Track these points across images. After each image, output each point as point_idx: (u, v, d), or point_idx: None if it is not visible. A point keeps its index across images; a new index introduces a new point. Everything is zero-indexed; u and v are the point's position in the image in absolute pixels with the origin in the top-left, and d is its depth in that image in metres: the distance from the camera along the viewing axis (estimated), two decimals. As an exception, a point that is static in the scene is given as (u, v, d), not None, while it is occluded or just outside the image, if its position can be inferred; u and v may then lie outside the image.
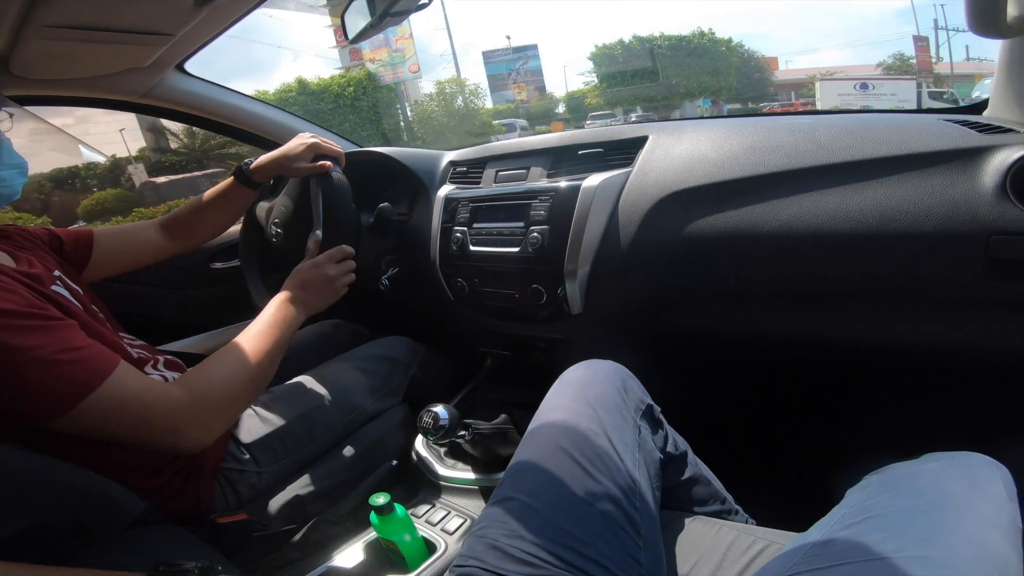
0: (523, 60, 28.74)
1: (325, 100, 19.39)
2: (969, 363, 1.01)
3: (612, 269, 1.08)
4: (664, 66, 21.48)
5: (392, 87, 22.25)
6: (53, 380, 0.71)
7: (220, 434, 0.88)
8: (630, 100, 22.33)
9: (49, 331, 0.74)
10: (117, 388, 0.76)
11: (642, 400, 0.84)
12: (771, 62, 25.19)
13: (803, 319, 1.01)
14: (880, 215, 0.84)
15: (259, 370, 0.94)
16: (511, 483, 0.71)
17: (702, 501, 0.86)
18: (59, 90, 1.42)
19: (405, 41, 22.75)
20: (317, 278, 1.11)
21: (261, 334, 0.99)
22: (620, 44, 22.30)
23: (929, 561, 0.51)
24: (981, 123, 0.89)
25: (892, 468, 0.69)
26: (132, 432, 0.78)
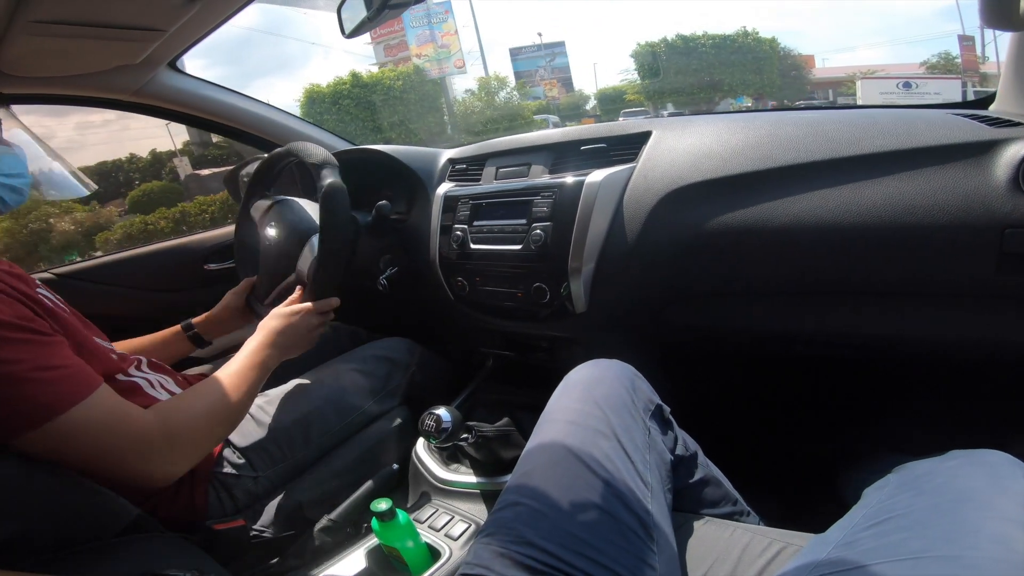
0: (550, 57, 28.94)
1: (377, 93, 20.11)
2: (980, 358, 1.01)
3: (617, 266, 1.06)
4: (708, 64, 21.85)
5: (438, 81, 23.03)
6: (20, 399, 0.69)
7: (191, 465, 0.86)
8: (671, 97, 22.61)
9: (29, 346, 0.72)
10: (88, 413, 0.74)
11: (651, 400, 0.82)
12: (807, 60, 24.98)
13: (812, 315, 0.99)
14: (892, 209, 0.83)
15: (233, 410, 0.94)
16: (518, 487, 0.69)
17: (714, 503, 0.84)
18: (49, 88, 1.40)
19: (450, 37, 23.79)
20: (298, 326, 1.10)
21: (239, 375, 0.98)
22: (663, 42, 22.57)
23: (954, 561, 0.50)
24: (990, 117, 0.88)
25: (911, 466, 0.68)
26: (97, 459, 0.75)
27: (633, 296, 1.10)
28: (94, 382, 0.77)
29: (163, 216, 11.47)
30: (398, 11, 1.02)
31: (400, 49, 25.08)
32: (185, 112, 1.65)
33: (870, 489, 0.68)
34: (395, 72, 21.08)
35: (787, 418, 1.37)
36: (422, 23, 24.25)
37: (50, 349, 0.75)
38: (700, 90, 22.21)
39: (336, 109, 19.90)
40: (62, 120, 5.00)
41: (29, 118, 1.14)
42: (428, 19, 24.28)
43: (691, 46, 22.11)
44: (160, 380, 1.04)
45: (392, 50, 25.16)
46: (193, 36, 1.30)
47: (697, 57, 21.94)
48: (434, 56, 23.34)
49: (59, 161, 1.06)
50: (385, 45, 25.39)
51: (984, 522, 0.53)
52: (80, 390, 0.74)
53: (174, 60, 1.48)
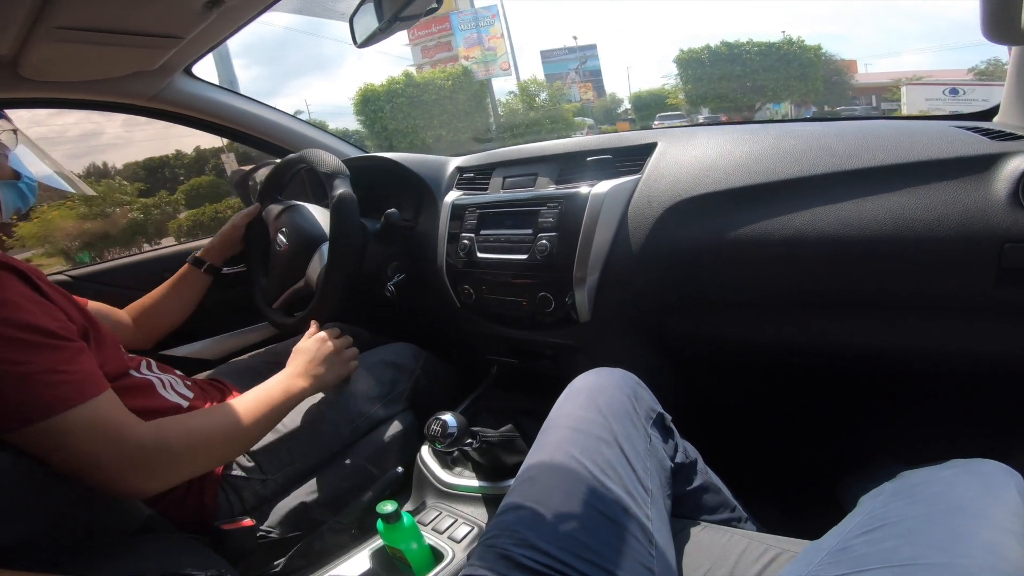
0: (582, 60, 29.20)
1: (429, 92, 20.85)
2: (978, 370, 1.01)
3: (621, 277, 1.08)
4: (752, 70, 21.90)
5: (484, 83, 23.65)
6: (24, 395, 0.71)
7: (171, 486, 0.85)
8: (713, 102, 22.78)
9: (49, 351, 0.75)
10: (86, 415, 0.75)
11: (652, 408, 0.84)
12: (850, 65, 24.67)
13: (813, 326, 1.00)
14: (893, 223, 0.83)
15: (240, 436, 0.94)
16: (521, 491, 0.71)
17: (712, 509, 0.85)
18: (67, 93, 1.42)
19: (497, 40, 24.52)
20: (325, 352, 1.13)
21: (258, 400, 0.99)
22: (707, 48, 22.66)
23: (945, 568, 0.51)
24: (992, 130, 0.88)
25: (906, 476, 0.69)
26: (82, 462, 0.76)
27: (636, 306, 1.11)
28: (99, 388, 0.78)
29: (228, 205, 12.22)
30: (408, 24, 1.03)
31: (438, 50, 25.74)
32: (199, 117, 1.67)
33: (865, 497, 0.69)
34: (445, 73, 21.85)
35: (788, 425, 1.38)
36: (470, 26, 24.88)
37: (66, 354, 0.77)
38: (743, 95, 22.33)
39: (390, 107, 20.47)
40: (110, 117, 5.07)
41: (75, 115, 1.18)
42: (476, 22, 24.90)
43: (735, 53, 22.20)
44: (170, 381, 1.06)
45: (430, 51, 25.82)
46: (209, 43, 1.32)
47: (741, 63, 22.01)
48: (481, 58, 24.02)
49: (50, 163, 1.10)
50: (423, 47, 26.08)
51: (976, 530, 0.54)
52: (83, 393, 0.75)
53: (189, 66, 1.50)
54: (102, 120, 20.39)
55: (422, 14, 1.01)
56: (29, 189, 0.97)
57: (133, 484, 0.79)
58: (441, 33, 25.84)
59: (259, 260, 1.49)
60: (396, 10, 0.99)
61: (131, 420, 0.81)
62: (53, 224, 12.29)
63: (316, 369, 1.10)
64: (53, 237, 12.32)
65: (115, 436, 0.77)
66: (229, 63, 9.73)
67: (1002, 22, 0.64)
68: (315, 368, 1.10)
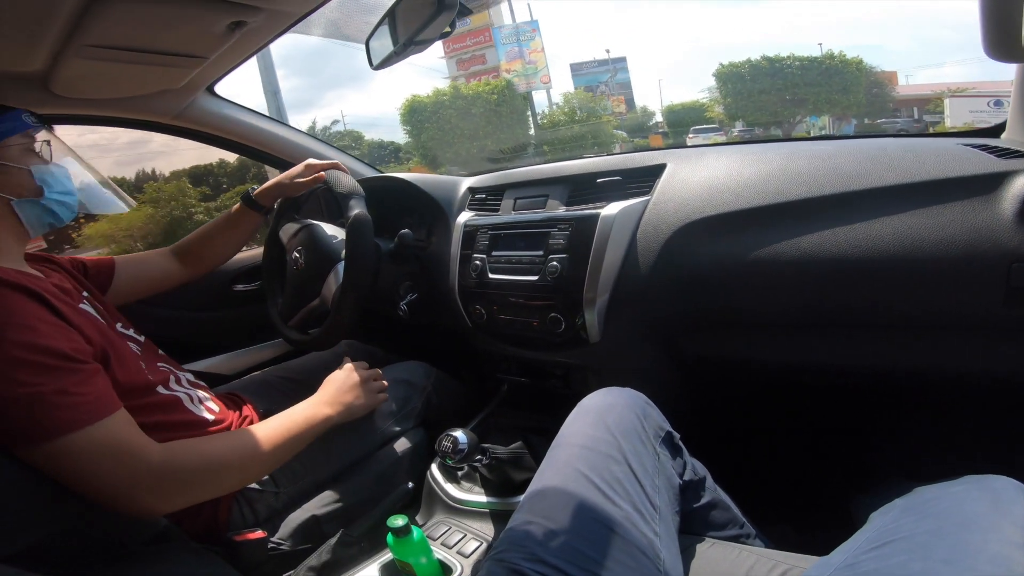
0: (612, 73, 29.45)
1: (477, 105, 21.81)
2: (989, 388, 1.00)
3: (631, 298, 1.08)
4: (793, 84, 22.12)
5: (526, 96, 24.54)
6: (35, 415, 0.73)
7: (181, 508, 0.85)
8: (754, 115, 22.98)
9: (62, 373, 0.76)
10: (96, 436, 0.76)
11: (661, 427, 0.85)
12: (890, 77, 24.39)
13: (822, 347, 1.00)
14: (902, 243, 0.84)
15: (257, 459, 0.95)
16: (530, 507, 0.71)
17: (720, 526, 0.86)
18: (96, 110, 1.45)
19: (538, 55, 25.59)
20: (354, 381, 1.16)
21: (280, 426, 1.00)
22: (748, 63, 22.97)
23: None
24: (1000, 147, 0.88)
25: (916, 492, 0.69)
26: (92, 481, 0.77)
27: (646, 327, 1.11)
28: (110, 408, 0.79)
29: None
30: (422, 47, 1.06)
31: (472, 63, 26.78)
32: (221, 136, 1.70)
33: (876, 513, 0.69)
34: (490, 86, 22.75)
35: (799, 442, 1.37)
36: (511, 40, 25.78)
37: (80, 376, 0.78)
38: (784, 108, 22.46)
39: (436, 119, 21.30)
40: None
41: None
42: (517, 37, 25.77)
43: (777, 67, 22.40)
44: (199, 396, 1.08)
45: (464, 64, 26.91)
46: (231, 63, 1.36)
47: (783, 77, 22.19)
48: (522, 72, 24.93)
49: (97, 176, 1.12)
50: (457, 59, 27.18)
51: (984, 544, 0.54)
52: (94, 414, 0.77)
53: (212, 85, 1.54)
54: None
55: (436, 38, 1.03)
56: (61, 205, 0.97)
57: (142, 505, 0.80)
58: (476, 46, 26.72)
59: (275, 278, 1.51)
60: (411, 35, 1.02)
61: (143, 441, 0.82)
62: (120, 223, 12.70)
63: (344, 397, 1.13)
64: (119, 237, 12.71)
65: (126, 457, 0.78)
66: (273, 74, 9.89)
67: (1003, 40, 0.63)
68: (343, 396, 1.13)
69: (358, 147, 30.29)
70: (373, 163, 1.92)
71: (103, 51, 1.08)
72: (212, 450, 0.89)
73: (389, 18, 1.07)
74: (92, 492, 0.77)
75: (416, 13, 0.99)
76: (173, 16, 1.00)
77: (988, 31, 0.65)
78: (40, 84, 1.22)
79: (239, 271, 1.79)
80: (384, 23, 1.11)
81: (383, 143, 33.99)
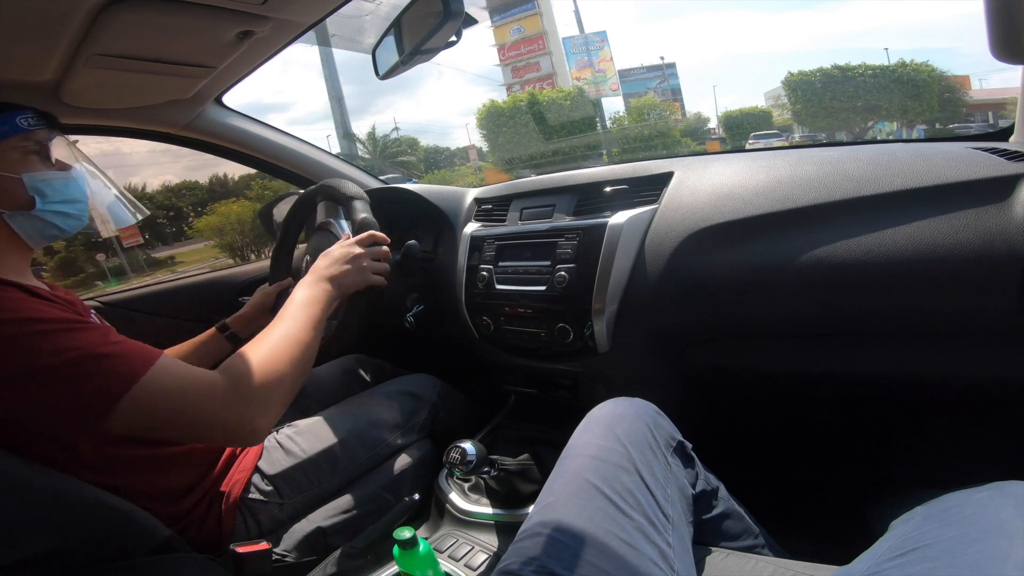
0: (661, 79, 30.11)
1: (551, 111, 22.89)
2: (1007, 394, 0.98)
3: (640, 307, 1.08)
4: (865, 91, 22.39)
5: (595, 102, 25.76)
6: (100, 373, 0.72)
7: (275, 420, 0.85)
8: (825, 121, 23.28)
9: (88, 331, 0.76)
10: (162, 376, 0.76)
11: (672, 436, 0.83)
12: (963, 81, 23.95)
13: (835, 356, 0.99)
14: (915, 248, 0.83)
15: (300, 351, 0.90)
16: (539, 518, 0.70)
17: (735, 536, 0.84)
18: (106, 120, 1.46)
19: (606, 63, 27.18)
20: (347, 256, 1.08)
21: (295, 316, 0.95)
22: (819, 71, 23.27)
23: None
24: (1009, 150, 0.87)
25: (938, 499, 0.67)
26: (183, 417, 0.76)
27: (655, 336, 1.10)
28: (155, 351, 0.79)
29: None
30: (428, 56, 1.07)
31: (527, 71, 28.50)
32: (229, 147, 1.71)
33: (897, 521, 0.68)
34: (563, 93, 24.03)
35: (815, 452, 1.35)
36: (581, 50, 27.19)
37: (105, 330, 0.78)
38: (856, 115, 22.72)
39: (512, 123, 22.48)
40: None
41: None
42: (586, 47, 27.17)
43: (848, 75, 22.65)
44: None
45: (519, 72, 28.64)
46: (239, 74, 1.37)
47: (854, 86, 22.44)
48: (592, 79, 26.46)
49: (114, 189, 1.11)
50: (512, 67, 28.89)
51: (1010, 551, 0.53)
52: (148, 356, 0.76)
53: (220, 95, 1.55)
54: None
55: (442, 47, 1.04)
56: (62, 216, 0.93)
57: (244, 423, 0.80)
58: (530, 54, 28.21)
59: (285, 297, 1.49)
60: (416, 44, 1.03)
61: (201, 370, 0.81)
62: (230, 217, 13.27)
63: (334, 270, 1.06)
64: (226, 230, 13.23)
65: (201, 384, 0.78)
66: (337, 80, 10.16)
67: (1010, 41, 0.62)
68: (335, 269, 1.06)
69: (414, 152, 31.25)
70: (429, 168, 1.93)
71: (112, 60, 1.09)
72: (261, 354, 0.86)
73: (395, 28, 1.08)
74: (190, 427, 0.78)
75: (422, 23, 0.99)
76: (182, 26, 1.01)
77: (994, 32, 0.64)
78: (51, 93, 1.23)
79: (246, 283, 1.80)
80: (390, 33, 1.11)
81: (437, 149, 35.46)
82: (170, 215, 18.37)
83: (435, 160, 32.71)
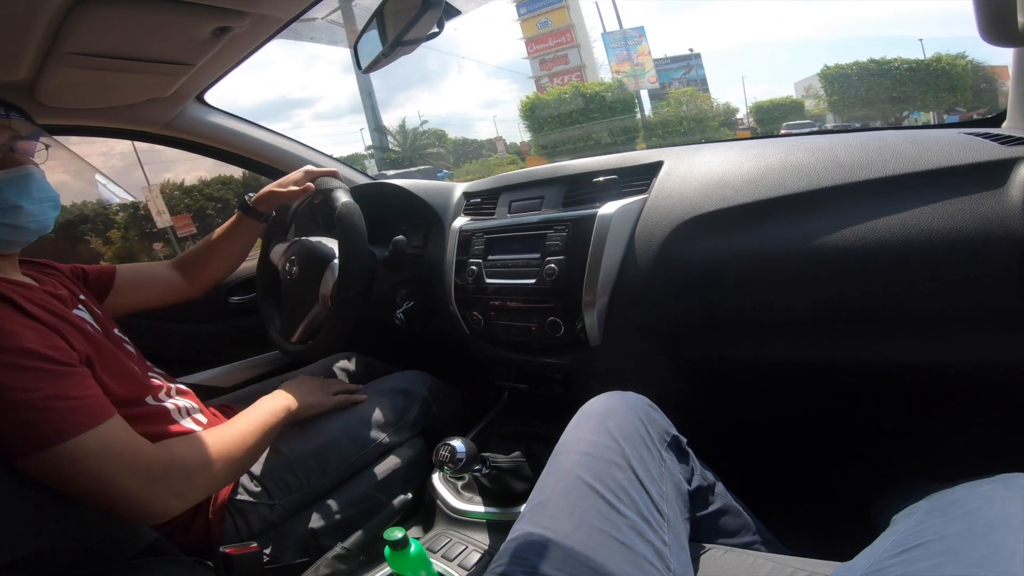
0: (686, 69, 30.57)
1: (595, 102, 23.98)
2: (1009, 382, 0.97)
3: (631, 299, 1.06)
4: (900, 83, 22.82)
5: (634, 95, 26.76)
6: (31, 423, 0.71)
7: (188, 506, 0.86)
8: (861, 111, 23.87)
9: (50, 376, 0.75)
10: (94, 442, 0.75)
11: (667, 431, 0.82)
12: (999, 72, 23.25)
13: (832, 344, 0.98)
14: (909, 234, 0.82)
15: (240, 457, 0.94)
16: (531, 517, 0.69)
17: (732, 532, 0.83)
18: (84, 120, 1.44)
19: (644, 57, 28.16)
20: (318, 386, 1.19)
21: (252, 424, 1.00)
22: (855, 64, 23.83)
23: None
24: (1002, 135, 0.86)
25: (941, 493, 0.66)
26: (98, 486, 0.76)
27: (648, 328, 1.09)
28: (104, 414, 0.78)
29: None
30: (410, 48, 1.05)
31: (555, 63, 29.57)
32: (212, 145, 1.69)
33: (899, 516, 0.67)
34: (604, 85, 25.21)
35: (814, 445, 1.34)
36: (620, 45, 28.10)
37: (70, 380, 0.77)
38: (891, 105, 23.19)
39: (556, 114, 23.71)
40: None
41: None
42: (625, 41, 28.04)
43: (884, 69, 23.09)
44: (188, 406, 1.06)
45: (547, 64, 29.72)
46: (219, 71, 1.35)
47: (890, 78, 22.87)
48: (631, 72, 27.44)
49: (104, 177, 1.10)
50: (540, 60, 29.87)
51: (1019, 544, 0.52)
52: (90, 419, 0.76)
53: (202, 94, 1.53)
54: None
55: (423, 38, 1.03)
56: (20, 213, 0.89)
57: (155, 505, 0.79)
58: (558, 47, 29.18)
59: (270, 296, 1.48)
60: (398, 35, 1.01)
61: (141, 442, 0.81)
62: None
63: (304, 398, 1.15)
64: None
65: (129, 458, 0.78)
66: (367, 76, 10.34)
67: (998, 23, 0.61)
68: (303, 396, 1.15)
69: (442, 144, 32.17)
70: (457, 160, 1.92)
71: (86, 59, 1.08)
72: (205, 443, 0.89)
73: (377, 19, 1.06)
74: (102, 497, 0.76)
75: (403, 14, 0.98)
76: (155, 22, 0.99)
77: (982, 14, 0.63)
78: (26, 94, 1.21)
79: (235, 283, 1.78)
80: (372, 26, 1.09)
81: (466, 140, 36.55)
82: (218, 207, 18.67)
83: (463, 152, 33.42)
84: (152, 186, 15.84)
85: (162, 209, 15.13)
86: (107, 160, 20.75)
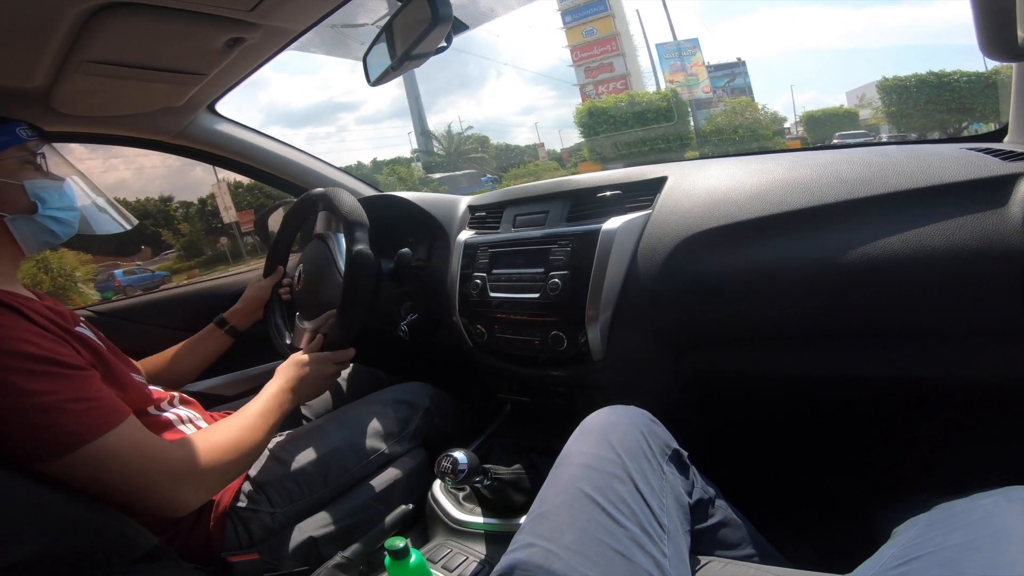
0: (730, 77, 30.39)
1: (650, 111, 24.42)
2: (1005, 395, 0.96)
3: (634, 314, 1.06)
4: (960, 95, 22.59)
5: (688, 103, 26.85)
6: (50, 427, 0.73)
7: (210, 497, 0.90)
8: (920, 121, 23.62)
9: (61, 380, 0.76)
10: (116, 442, 0.77)
11: (667, 444, 0.82)
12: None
13: (834, 359, 0.97)
14: (911, 251, 0.82)
15: (251, 446, 0.96)
16: (531, 529, 0.69)
17: (733, 545, 0.83)
18: (97, 127, 1.46)
19: (698, 68, 28.35)
20: (314, 373, 1.16)
21: (258, 415, 1.01)
22: (914, 76, 23.69)
23: None
24: (1004, 150, 0.87)
25: (943, 506, 0.66)
26: (125, 486, 0.78)
27: (650, 343, 1.09)
28: (122, 414, 0.80)
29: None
30: (419, 61, 1.06)
31: (600, 71, 29.75)
32: (222, 155, 1.71)
33: (900, 528, 0.67)
34: (659, 94, 25.59)
35: (815, 458, 1.34)
36: (673, 56, 28.37)
37: (81, 383, 0.78)
38: (951, 116, 22.96)
39: (612, 121, 24.23)
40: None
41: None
42: (679, 53, 28.32)
43: (944, 82, 22.94)
44: (190, 415, 1.07)
45: (592, 72, 29.91)
46: (231, 80, 1.36)
47: (950, 91, 22.70)
48: (684, 83, 27.62)
49: (102, 197, 1.11)
50: (585, 68, 30.07)
51: (1020, 558, 0.52)
52: (108, 421, 0.77)
53: (213, 103, 1.54)
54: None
55: (432, 52, 1.04)
56: (58, 222, 0.96)
57: (182, 498, 0.83)
58: (603, 55, 29.41)
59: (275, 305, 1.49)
60: (407, 48, 1.03)
61: (159, 439, 0.84)
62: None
63: (302, 388, 1.14)
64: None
65: (151, 455, 0.80)
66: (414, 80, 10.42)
67: (998, 38, 0.62)
68: (301, 386, 1.14)
69: (485, 150, 32.71)
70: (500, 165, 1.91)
71: (103, 67, 1.09)
72: (220, 439, 0.92)
73: (386, 33, 1.08)
74: (127, 495, 0.79)
75: (412, 28, 0.99)
76: (172, 32, 1.01)
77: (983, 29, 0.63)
78: (41, 100, 1.23)
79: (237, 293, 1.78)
80: (381, 39, 1.11)
81: (509, 146, 36.93)
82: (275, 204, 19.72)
83: (505, 157, 33.76)
84: (221, 182, 16.15)
85: (229, 205, 15.37)
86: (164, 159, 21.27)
